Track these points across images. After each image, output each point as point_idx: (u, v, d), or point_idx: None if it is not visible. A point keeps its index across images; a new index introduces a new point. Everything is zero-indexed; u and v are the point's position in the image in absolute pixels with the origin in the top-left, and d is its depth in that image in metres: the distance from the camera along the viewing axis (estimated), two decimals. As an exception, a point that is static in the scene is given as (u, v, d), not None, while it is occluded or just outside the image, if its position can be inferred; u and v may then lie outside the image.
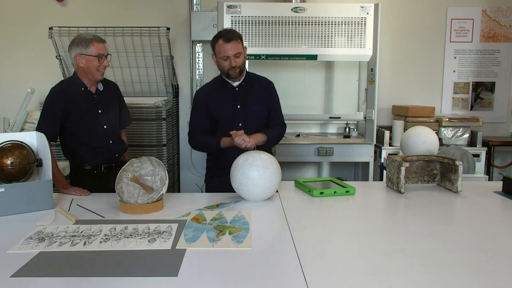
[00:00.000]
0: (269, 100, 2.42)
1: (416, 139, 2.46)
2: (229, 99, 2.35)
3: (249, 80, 2.40)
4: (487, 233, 1.54)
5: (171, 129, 3.85)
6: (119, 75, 3.85)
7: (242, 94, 2.36)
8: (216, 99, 2.36)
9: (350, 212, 1.83)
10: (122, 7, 3.99)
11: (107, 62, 2.20)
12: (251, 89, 2.38)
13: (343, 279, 1.16)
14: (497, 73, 4.23)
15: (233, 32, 2.29)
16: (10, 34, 3.98)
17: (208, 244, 1.40)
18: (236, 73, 2.28)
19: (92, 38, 2.16)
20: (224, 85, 2.37)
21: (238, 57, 2.25)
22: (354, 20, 3.52)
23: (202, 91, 2.46)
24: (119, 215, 1.72)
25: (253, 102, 2.37)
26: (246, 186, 1.87)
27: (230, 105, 2.34)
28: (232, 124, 2.30)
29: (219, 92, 2.38)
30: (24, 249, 1.36)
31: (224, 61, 2.26)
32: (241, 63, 2.28)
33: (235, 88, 2.36)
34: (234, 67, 2.25)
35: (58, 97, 2.19)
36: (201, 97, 2.41)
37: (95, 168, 2.28)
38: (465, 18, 4.14)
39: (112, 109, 2.35)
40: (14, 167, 1.81)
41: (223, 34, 2.26)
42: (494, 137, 4.12)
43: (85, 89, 2.23)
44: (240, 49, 2.25)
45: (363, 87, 3.94)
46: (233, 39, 2.23)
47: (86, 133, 2.23)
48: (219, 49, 2.25)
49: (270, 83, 2.47)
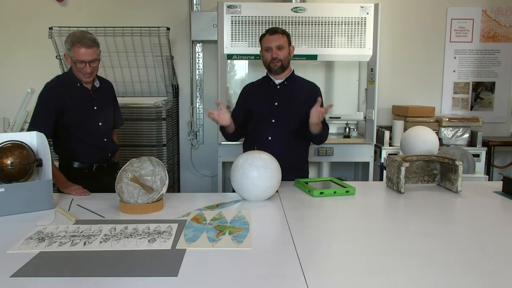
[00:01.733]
0: (308, 102, 2.35)
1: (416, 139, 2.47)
2: (268, 95, 2.40)
3: (292, 80, 2.44)
4: (487, 233, 1.54)
5: (171, 129, 3.85)
6: (119, 75, 3.85)
7: (282, 92, 2.41)
8: (256, 94, 2.44)
9: (350, 212, 1.83)
10: (122, 7, 3.99)
11: (88, 68, 2.10)
12: (291, 89, 2.42)
13: (343, 279, 1.16)
14: (497, 73, 4.23)
15: (279, 28, 2.38)
16: (10, 34, 3.98)
17: (208, 244, 1.40)
18: (277, 66, 2.33)
19: (76, 42, 2.05)
20: (267, 82, 2.45)
21: (280, 50, 2.31)
22: (354, 20, 3.52)
23: (247, 87, 2.57)
24: (119, 215, 1.72)
25: (291, 101, 2.38)
26: (246, 186, 1.87)
27: (268, 102, 2.40)
28: (265, 120, 2.35)
29: (260, 88, 2.47)
30: (24, 249, 1.36)
31: (266, 53, 2.34)
32: (283, 56, 2.33)
33: (276, 86, 2.42)
34: (274, 59, 2.32)
35: (52, 93, 2.15)
36: (244, 92, 2.53)
37: (86, 167, 2.26)
38: (465, 18, 4.14)
39: (107, 107, 2.34)
40: (14, 167, 1.81)
41: (269, 29, 2.39)
42: (494, 137, 4.12)
43: (80, 85, 2.20)
44: (283, 42, 2.32)
45: (363, 87, 3.94)
46: (278, 33, 2.32)
47: (81, 129, 2.21)
48: (264, 41, 2.35)
49: (315, 88, 2.48)
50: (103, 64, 3.87)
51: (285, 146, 2.33)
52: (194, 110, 4.15)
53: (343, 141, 3.73)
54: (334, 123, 4.12)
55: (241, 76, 4.10)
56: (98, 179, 2.22)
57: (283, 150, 2.28)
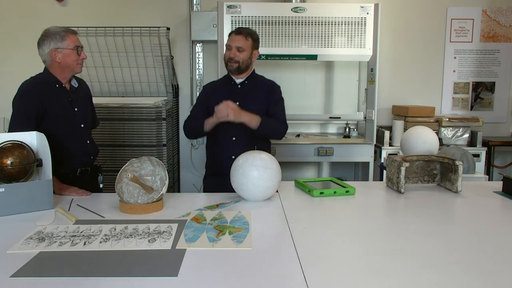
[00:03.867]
0: (268, 100, 2.42)
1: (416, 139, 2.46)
2: (229, 95, 2.37)
3: (253, 80, 2.45)
4: (487, 233, 1.54)
5: (171, 129, 3.85)
6: (119, 75, 3.85)
7: (242, 91, 2.41)
8: (217, 94, 2.41)
9: (350, 212, 1.83)
10: (122, 7, 3.99)
11: (84, 54, 2.09)
12: (252, 88, 2.42)
13: (343, 279, 1.16)
14: (497, 73, 4.23)
15: (247, 29, 2.39)
16: (10, 34, 3.98)
17: (208, 244, 1.40)
18: (233, 68, 2.35)
19: (65, 30, 2.04)
20: (228, 82, 2.44)
21: (240, 51, 2.31)
22: (354, 20, 3.52)
23: (207, 86, 2.57)
24: (119, 215, 1.72)
25: (252, 100, 2.38)
26: (246, 186, 1.87)
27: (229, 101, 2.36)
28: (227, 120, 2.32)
29: (221, 88, 2.47)
30: (24, 249, 1.35)
31: (227, 51, 2.35)
32: (242, 59, 2.33)
33: (237, 85, 2.42)
34: (231, 59, 2.33)
35: (29, 97, 2.02)
36: (205, 90, 2.53)
37: (70, 171, 2.14)
38: (465, 18, 4.14)
39: (87, 108, 2.26)
40: (14, 167, 1.81)
41: (237, 28, 2.40)
42: (494, 137, 4.12)
43: (59, 86, 2.09)
44: (245, 45, 2.31)
45: (363, 87, 3.95)
46: (243, 34, 2.32)
47: (63, 133, 2.09)
48: (228, 39, 2.36)
49: (274, 85, 2.49)
50: (104, 64, 3.87)
51: (248, 146, 2.26)
52: (194, 110, 4.14)
53: (343, 141, 3.73)
54: (334, 123, 4.12)
55: (241, 76, 4.10)
56: (82, 184, 2.10)
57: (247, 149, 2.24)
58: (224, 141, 2.38)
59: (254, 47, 2.37)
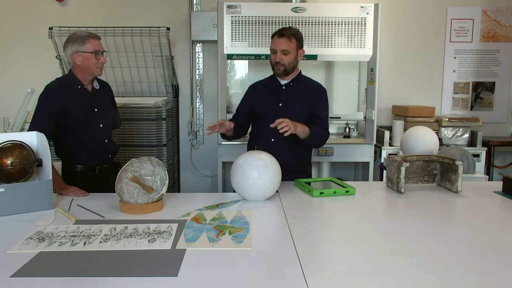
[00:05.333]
0: (313, 105, 2.38)
1: (416, 139, 2.47)
2: (273, 96, 2.39)
3: (298, 81, 2.42)
4: (487, 233, 1.54)
5: (171, 129, 3.85)
6: (119, 75, 3.85)
7: (287, 93, 2.39)
8: (261, 94, 2.43)
9: (350, 212, 1.83)
10: (122, 7, 3.99)
11: (103, 59, 2.19)
12: (297, 90, 2.40)
13: (343, 279, 1.16)
14: (497, 73, 4.23)
15: (290, 30, 2.34)
16: (10, 34, 3.98)
17: (208, 244, 1.40)
18: (280, 71, 2.33)
19: (87, 35, 2.15)
20: (273, 82, 2.43)
21: (285, 54, 2.29)
22: (354, 20, 3.52)
23: (254, 85, 2.56)
24: (119, 215, 1.72)
25: (296, 103, 2.37)
26: (246, 186, 1.87)
27: (272, 102, 2.38)
28: (270, 121, 2.29)
29: (266, 88, 2.46)
30: (24, 249, 1.36)
31: (272, 55, 2.34)
32: (287, 61, 2.31)
33: (282, 87, 2.41)
34: (278, 63, 2.31)
35: (53, 95, 2.15)
36: (250, 91, 2.53)
37: (89, 169, 2.26)
38: (465, 18, 4.13)
39: (107, 108, 2.35)
40: (14, 167, 1.81)
41: (279, 30, 2.35)
42: (494, 137, 4.12)
43: (81, 87, 2.21)
44: (289, 47, 2.29)
45: (363, 87, 3.94)
46: (286, 36, 2.29)
47: (82, 131, 2.21)
48: (272, 42, 2.34)
49: (321, 89, 2.46)
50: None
51: (287, 148, 2.31)
52: (194, 110, 4.15)
53: (343, 141, 3.73)
54: (334, 123, 4.12)
55: (241, 76, 4.11)
56: (101, 181, 2.22)
57: (285, 152, 2.26)
58: (264, 141, 2.33)
59: (298, 47, 2.34)
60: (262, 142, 2.32)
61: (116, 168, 2.39)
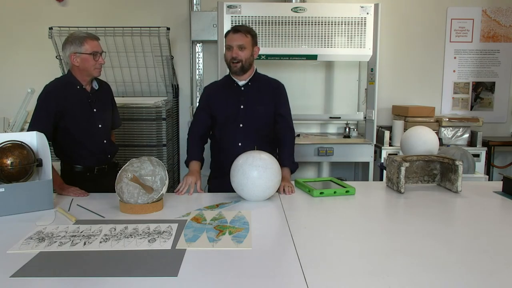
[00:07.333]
0: (274, 102, 2.33)
1: (416, 139, 2.46)
2: (233, 98, 2.30)
3: (256, 81, 2.34)
4: (487, 233, 1.54)
5: (171, 129, 3.85)
6: (119, 75, 3.85)
7: (247, 93, 2.30)
8: (220, 97, 2.33)
9: (350, 212, 1.83)
10: (122, 7, 3.99)
11: (102, 60, 2.17)
12: (257, 89, 2.32)
13: (343, 279, 1.16)
14: (497, 73, 4.23)
15: (244, 27, 2.28)
16: (10, 34, 3.98)
17: (208, 244, 1.40)
18: (237, 67, 2.22)
19: (85, 36, 2.12)
20: (230, 84, 2.33)
21: (242, 50, 2.20)
22: (354, 20, 3.52)
23: (209, 88, 2.44)
24: (119, 215, 1.72)
25: (257, 102, 2.30)
26: (246, 186, 1.87)
27: (233, 105, 2.29)
28: (233, 123, 2.27)
29: (224, 91, 2.34)
30: (24, 249, 1.36)
31: (228, 52, 2.23)
32: (244, 57, 2.21)
33: (240, 88, 2.31)
34: (234, 59, 2.20)
35: (51, 96, 2.13)
36: (207, 93, 2.41)
37: (87, 169, 2.25)
38: (465, 18, 4.14)
39: (106, 109, 2.34)
40: (14, 167, 1.81)
41: (234, 26, 2.29)
42: (494, 137, 4.12)
43: (80, 87, 2.20)
44: (245, 42, 2.20)
45: (363, 87, 3.94)
46: (241, 31, 2.21)
47: (81, 132, 2.20)
48: (226, 39, 2.25)
49: (279, 85, 2.40)
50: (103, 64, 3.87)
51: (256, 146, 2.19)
52: (194, 110, 4.14)
53: (343, 141, 3.73)
54: (334, 123, 4.12)
55: (241, 76, 4.10)
56: (100, 181, 2.21)
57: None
58: (231, 146, 2.29)
59: (254, 43, 2.27)
60: (228, 146, 2.28)
61: (115, 168, 2.38)
